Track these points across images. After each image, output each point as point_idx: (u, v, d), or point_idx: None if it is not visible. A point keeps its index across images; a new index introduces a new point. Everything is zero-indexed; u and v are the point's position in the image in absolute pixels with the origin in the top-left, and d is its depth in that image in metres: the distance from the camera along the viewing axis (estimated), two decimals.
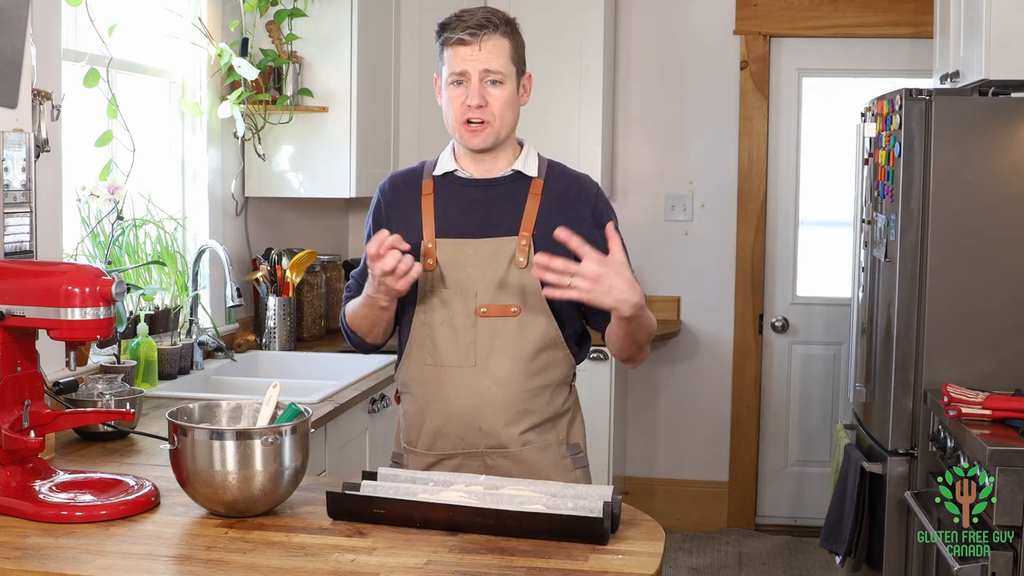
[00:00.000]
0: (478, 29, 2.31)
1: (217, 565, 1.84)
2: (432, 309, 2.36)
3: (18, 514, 2.05)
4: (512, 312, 2.34)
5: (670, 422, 5.27)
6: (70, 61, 3.15)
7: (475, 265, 2.34)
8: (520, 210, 2.37)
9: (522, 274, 2.33)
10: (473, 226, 2.37)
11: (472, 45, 2.31)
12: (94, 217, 3.26)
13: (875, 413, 3.74)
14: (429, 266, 2.35)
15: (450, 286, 2.35)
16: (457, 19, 2.34)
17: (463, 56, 2.32)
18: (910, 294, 3.52)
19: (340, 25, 4.12)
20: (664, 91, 5.19)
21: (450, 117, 2.37)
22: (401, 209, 2.42)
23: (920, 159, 3.47)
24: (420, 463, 2.43)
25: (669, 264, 5.22)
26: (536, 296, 2.33)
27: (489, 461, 2.38)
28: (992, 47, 3.42)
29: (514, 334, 2.34)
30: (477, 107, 2.32)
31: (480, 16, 2.33)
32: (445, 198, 2.40)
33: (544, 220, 2.35)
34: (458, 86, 2.33)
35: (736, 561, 4.89)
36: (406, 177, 2.48)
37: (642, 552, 1.91)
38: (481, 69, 2.32)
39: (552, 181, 2.42)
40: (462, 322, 2.34)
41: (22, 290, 2.13)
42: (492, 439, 2.37)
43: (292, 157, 4.18)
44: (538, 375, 2.37)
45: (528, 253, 2.32)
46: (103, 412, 2.55)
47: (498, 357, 2.34)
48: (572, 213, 2.38)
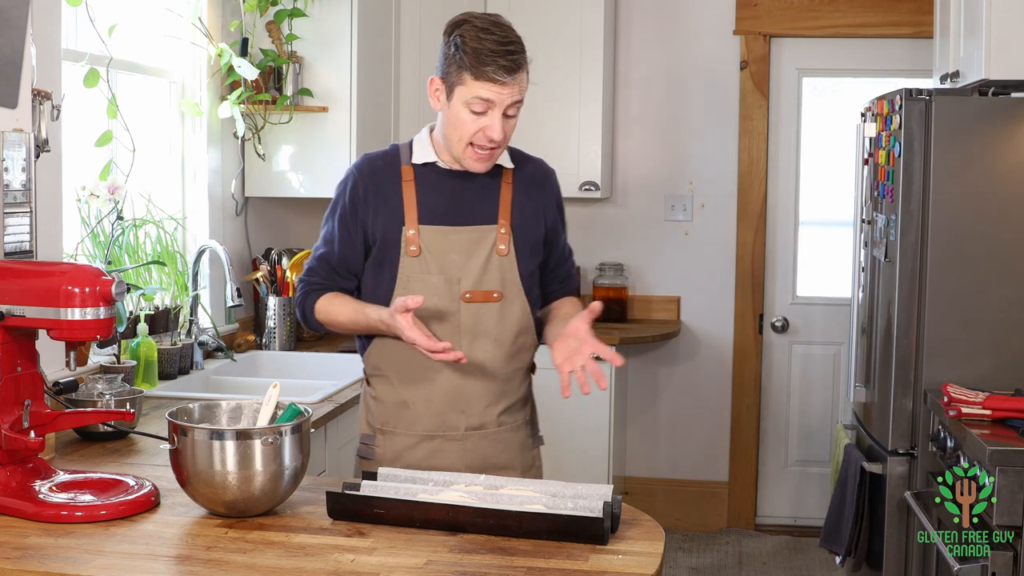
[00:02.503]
0: (517, 70, 2.31)
1: (217, 565, 1.84)
2: (415, 294, 2.38)
3: (18, 514, 2.05)
4: (494, 298, 2.42)
5: (670, 422, 5.27)
6: (70, 61, 3.15)
7: (458, 252, 2.40)
8: (496, 199, 2.45)
9: (502, 261, 2.42)
10: (454, 214, 2.42)
11: (509, 85, 2.31)
12: (94, 217, 3.26)
13: (875, 413, 3.74)
14: (412, 253, 2.38)
15: (435, 272, 2.39)
16: (493, 47, 2.29)
17: (496, 90, 2.30)
18: (910, 294, 3.52)
19: (340, 25, 4.12)
20: (664, 91, 5.19)
21: (460, 134, 2.36)
22: (380, 193, 2.42)
23: (920, 159, 3.47)
24: (398, 445, 2.46)
25: (669, 264, 5.22)
26: (514, 282, 2.43)
27: (469, 444, 2.44)
28: (992, 47, 3.42)
29: (496, 318, 2.42)
30: (493, 139, 2.34)
31: (514, 48, 2.31)
32: (425, 186, 2.43)
33: (518, 207, 2.46)
34: (477, 113, 2.33)
35: (736, 561, 4.89)
36: (383, 161, 2.47)
37: (642, 552, 1.91)
38: (508, 104, 2.33)
39: (519, 168, 2.51)
40: (447, 307, 2.40)
41: (22, 290, 2.13)
42: (473, 420, 2.44)
43: (292, 157, 4.18)
44: (515, 358, 2.47)
45: (508, 241, 2.42)
46: (103, 412, 2.55)
47: (482, 341, 2.41)
48: (541, 199, 2.52)
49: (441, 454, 2.44)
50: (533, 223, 2.48)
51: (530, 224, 2.48)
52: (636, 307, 5.22)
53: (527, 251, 2.47)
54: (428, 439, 2.44)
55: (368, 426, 2.53)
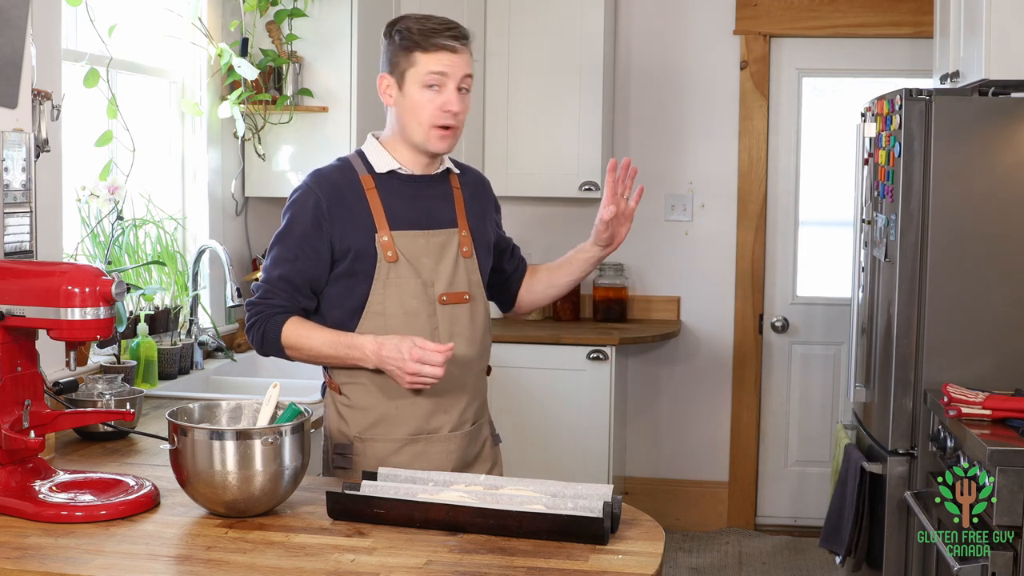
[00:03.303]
0: (464, 39, 2.40)
1: (217, 565, 1.84)
2: (392, 300, 2.40)
3: (18, 514, 2.05)
4: (465, 299, 2.47)
5: (670, 422, 5.27)
6: (70, 61, 3.15)
7: (429, 255, 2.43)
8: (453, 203, 2.50)
9: (467, 263, 2.48)
10: (420, 219, 2.45)
11: (460, 53, 2.38)
12: (94, 217, 3.26)
13: (875, 413, 3.74)
14: (390, 258, 2.39)
15: (411, 276, 2.41)
16: (436, 27, 2.38)
17: (447, 61, 2.36)
18: (910, 294, 3.52)
19: (340, 25, 4.12)
20: (664, 91, 5.19)
21: (420, 118, 2.38)
22: (343, 206, 2.42)
23: (920, 159, 3.47)
24: (379, 451, 2.45)
25: (669, 264, 5.22)
26: (478, 284, 2.50)
27: (451, 445, 2.46)
28: (992, 47, 3.42)
29: (468, 319, 2.47)
30: (455, 113, 2.38)
31: (457, 25, 2.42)
32: (389, 193, 2.44)
33: (471, 211, 2.53)
34: (433, 90, 2.37)
35: (736, 561, 4.89)
36: (340, 174, 2.46)
37: (642, 552, 1.91)
38: (462, 75, 2.39)
39: (463, 173, 2.57)
40: (425, 309, 2.42)
41: (22, 290, 2.13)
42: (455, 420, 2.47)
43: (292, 157, 4.18)
44: (482, 358, 2.54)
45: (470, 243, 2.48)
46: (103, 412, 2.55)
47: (458, 341, 2.44)
48: (484, 201, 2.60)
49: (424, 457, 2.44)
50: (483, 225, 2.56)
51: (482, 227, 2.55)
52: (636, 307, 5.22)
53: (484, 252, 2.54)
54: (411, 442, 2.44)
55: (342, 435, 2.49)
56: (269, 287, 2.42)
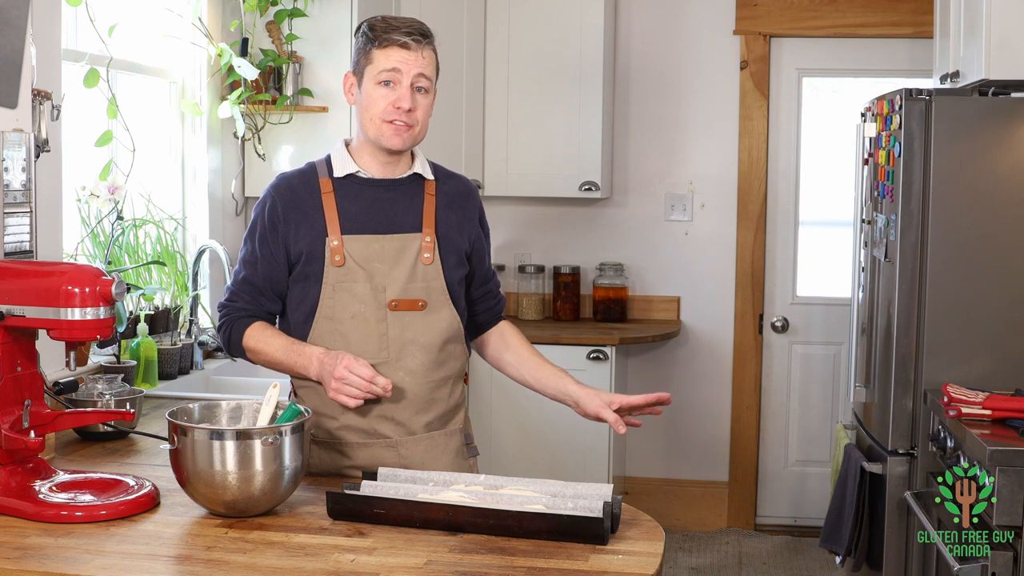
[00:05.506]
0: (421, 37, 2.39)
1: (217, 565, 1.84)
2: (340, 304, 2.39)
3: (18, 514, 2.05)
4: (420, 306, 2.42)
5: (670, 422, 5.27)
6: (70, 61, 3.15)
7: (383, 260, 2.41)
8: (420, 209, 2.47)
9: (427, 270, 2.43)
10: (377, 223, 2.43)
11: (413, 51, 2.38)
12: (94, 217, 3.26)
13: (875, 413, 3.74)
14: (337, 263, 2.39)
15: (360, 280, 2.39)
16: (396, 24, 2.39)
17: (399, 58, 2.37)
18: (910, 294, 3.52)
19: (340, 25, 4.12)
20: (664, 91, 5.19)
21: (372, 114, 2.39)
22: (300, 209, 2.42)
23: (920, 159, 3.47)
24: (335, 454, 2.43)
25: (669, 264, 5.22)
26: (440, 290, 2.44)
27: (402, 450, 2.42)
28: (992, 47, 3.42)
29: (422, 327, 2.42)
30: (407, 110, 2.38)
31: (418, 25, 2.41)
32: (346, 197, 2.44)
33: (442, 218, 2.48)
34: (386, 86, 2.38)
35: (736, 561, 4.89)
36: (300, 178, 2.47)
37: (642, 552, 1.91)
38: (415, 73, 2.38)
39: (442, 182, 2.53)
40: (374, 315, 2.39)
41: (22, 290, 2.13)
42: (403, 429, 2.42)
43: (292, 157, 4.18)
44: (443, 366, 2.46)
45: (433, 250, 2.44)
46: (103, 412, 2.55)
47: (411, 348, 2.41)
48: (464, 212, 2.53)
49: (379, 461, 2.42)
50: (457, 234, 2.50)
51: (454, 234, 2.49)
52: (636, 307, 5.22)
53: (452, 260, 2.48)
54: (364, 447, 2.42)
55: None
56: (235, 290, 2.47)
